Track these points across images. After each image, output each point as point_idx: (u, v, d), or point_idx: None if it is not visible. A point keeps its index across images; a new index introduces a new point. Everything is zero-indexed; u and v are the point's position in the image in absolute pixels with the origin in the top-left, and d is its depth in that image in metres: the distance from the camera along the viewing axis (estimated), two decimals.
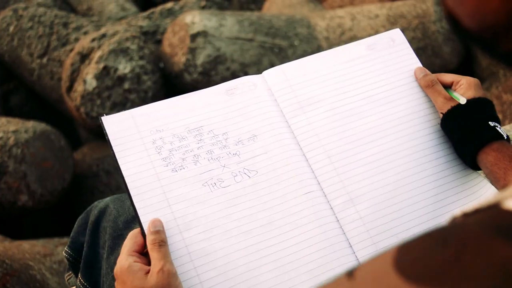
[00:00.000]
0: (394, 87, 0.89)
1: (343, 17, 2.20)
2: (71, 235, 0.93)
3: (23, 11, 2.68)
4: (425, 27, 2.09)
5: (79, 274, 0.89)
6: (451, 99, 0.86)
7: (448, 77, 0.89)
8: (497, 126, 0.82)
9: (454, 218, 0.35)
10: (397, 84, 0.90)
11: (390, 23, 2.12)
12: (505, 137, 0.82)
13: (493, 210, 0.33)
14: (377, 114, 0.86)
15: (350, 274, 0.34)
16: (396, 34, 0.95)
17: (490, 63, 2.08)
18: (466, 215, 0.34)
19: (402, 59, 0.92)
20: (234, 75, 2.15)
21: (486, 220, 0.32)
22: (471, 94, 0.85)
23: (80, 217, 0.94)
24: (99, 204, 0.92)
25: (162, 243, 0.69)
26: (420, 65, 0.92)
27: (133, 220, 0.87)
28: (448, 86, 0.89)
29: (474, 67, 2.18)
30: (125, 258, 0.68)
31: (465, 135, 0.83)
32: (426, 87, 0.88)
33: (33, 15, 2.64)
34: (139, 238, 0.70)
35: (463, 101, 0.85)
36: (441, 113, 0.85)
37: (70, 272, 0.95)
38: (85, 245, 0.89)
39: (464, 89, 0.86)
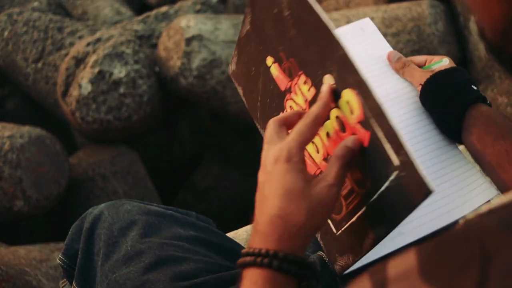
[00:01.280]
0: (367, 74, 0.83)
1: (338, 19, 2.20)
2: (66, 242, 0.93)
3: (18, 16, 2.67)
4: (421, 30, 2.09)
5: (73, 282, 0.89)
6: (429, 71, 0.81)
7: (421, 58, 0.86)
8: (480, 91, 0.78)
9: (467, 220, 0.35)
10: (370, 70, 0.85)
11: (385, 26, 2.12)
12: (489, 103, 0.77)
13: (509, 208, 0.33)
14: None
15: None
16: (366, 23, 0.90)
17: (485, 65, 2.09)
18: (481, 216, 0.34)
19: (373, 46, 0.88)
20: (229, 79, 2.15)
21: (505, 218, 0.32)
22: (447, 66, 0.81)
23: (74, 224, 0.94)
24: (94, 211, 0.92)
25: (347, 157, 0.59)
26: (392, 49, 0.87)
27: (128, 227, 0.87)
28: (422, 66, 0.85)
29: (469, 69, 2.18)
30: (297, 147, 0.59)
31: (450, 97, 0.76)
32: (401, 68, 0.83)
33: (28, 19, 2.63)
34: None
35: (445, 61, 0.82)
36: (420, 84, 0.80)
37: (65, 279, 0.95)
38: (79, 252, 0.89)
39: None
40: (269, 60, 0.73)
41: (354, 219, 0.64)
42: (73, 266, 0.91)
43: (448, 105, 0.76)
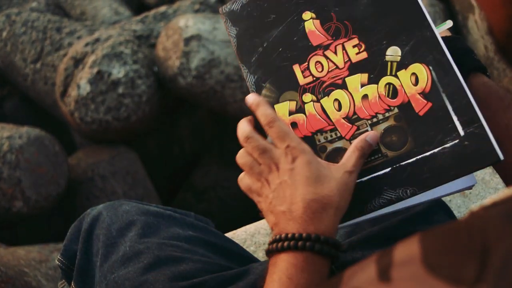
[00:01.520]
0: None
1: None
2: (64, 243, 0.93)
3: (16, 16, 2.67)
4: None
5: (72, 282, 0.89)
6: None
7: None
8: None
9: (472, 212, 0.35)
10: None
11: None
12: (488, 74, 0.74)
13: None
14: None
15: (383, 275, 0.34)
16: None
17: (484, 64, 2.08)
18: (485, 208, 0.34)
19: None
20: (228, 79, 2.14)
21: (508, 211, 0.33)
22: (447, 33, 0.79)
23: (73, 224, 0.94)
24: (92, 211, 0.92)
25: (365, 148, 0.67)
26: None
27: (127, 227, 0.87)
28: None
29: None
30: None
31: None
32: None
33: (26, 20, 2.63)
34: None
35: (449, 23, 0.79)
36: None
37: (64, 280, 0.95)
38: (78, 253, 0.89)
39: None
40: (307, 15, 0.75)
41: (365, 178, 0.68)
42: (71, 267, 0.91)
43: None
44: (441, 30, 0.79)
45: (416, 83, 0.69)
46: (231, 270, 0.82)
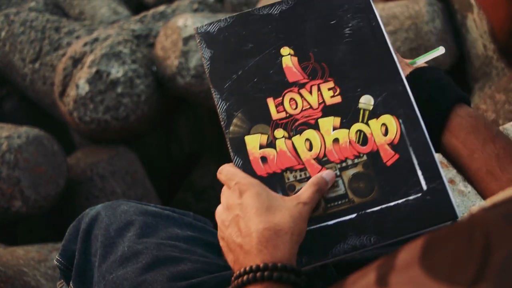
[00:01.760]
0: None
1: None
2: (63, 243, 0.93)
3: (15, 16, 2.67)
4: (418, 28, 2.09)
5: (70, 283, 0.89)
6: (411, 66, 0.76)
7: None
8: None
9: (472, 214, 0.35)
10: None
11: (383, 24, 2.12)
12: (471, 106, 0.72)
13: None
14: None
15: (382, 280, 0.34)
16: None
17: (483, 63, 2.09)
18: (486, 210, 0.34)
19: None
20: None
21: (508, 212, 0.33)
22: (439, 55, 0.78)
23: (71, 225, 0.94)
24: (91, 211, 0.92)
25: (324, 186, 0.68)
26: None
27: (125, 227, 0.87)
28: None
29: (467, 67, 2.18)
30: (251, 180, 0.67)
31: (435, 94, 0.71)
32: None
33: (25, 20, 2.63)
34: None
35: (442, 49, 0.78)
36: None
37: (62, 281, 0.95)
38: (76, 253, 0.89)
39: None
40: (286, 50, 0.76)
41: (331, 222, 0.68)
42: (70, 267, 0.91)
43: (432, 103, 0.71)
44: (433, 56, 0.79)
45: (386, 133, 0.71)
46: (229, 270, 0.82)
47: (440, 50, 0.79)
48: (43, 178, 2.08)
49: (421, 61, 0.79)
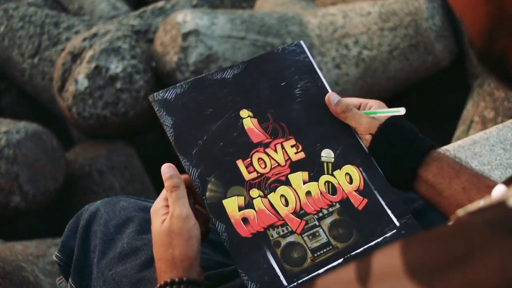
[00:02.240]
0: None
1: (335, 14, 2.20)
2: (62, 239, 0.93)
3: (14, 11, 2.66)
4: (417, 24, 2.09)
5: (69, 279, 0.89)
6: (375, 119, 0.80)
7: (354, 101, 0.84)
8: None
9: (458, 218, 0.35)
10: None
11: (382, 20, 2.11)
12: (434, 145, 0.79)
13: (498, 208, 0.33)
14: None
15: (363, 278, 0.34)
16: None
17: None
18: (471, 214, 0.34)
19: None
20: None
21: (492, 219, 0.33)
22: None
23: (70, 221, 0.94)
24: (90, 207, 0.92)
25: (173, 188, 0.71)
26: (331, 91, 0.84)
27: (124, 223, 0.87)
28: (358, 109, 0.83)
29: (466, 64, 2.18)
30: (158, 201, 0.74)
31: (406, 147, 0.77)
32: (343, 113, 0.81)
33: (24, 15, 2.62)
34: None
35: (403, 110, 0.80)
36: (370, 133, 0.79)
37: (61, 277, 0.95)
38: (75, 249, 0.89)
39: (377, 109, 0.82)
40: (245, 113, 0.79)
41: (321, 271, 0.71)
42: (69, 263, 0.91)
43: (403, 155, 0.77)
44: (392, 114, 0.81)
45: (351, 181, 0.78)
46: (229, 267, 0.83)
47: (401, 112, 0.81)
48: (41, 173, 2.07)
49: (381, 116, 0.82)
